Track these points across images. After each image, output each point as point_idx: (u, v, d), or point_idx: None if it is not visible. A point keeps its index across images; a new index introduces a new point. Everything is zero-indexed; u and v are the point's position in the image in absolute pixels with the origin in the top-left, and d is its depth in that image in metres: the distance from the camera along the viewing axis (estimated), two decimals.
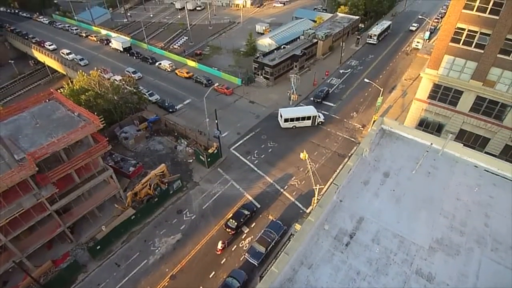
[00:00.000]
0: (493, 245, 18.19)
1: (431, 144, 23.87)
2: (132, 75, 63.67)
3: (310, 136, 50.34)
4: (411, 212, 20.10)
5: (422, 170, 22.84)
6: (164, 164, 41.09)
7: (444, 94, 34.19)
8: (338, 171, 42.93)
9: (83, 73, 53.32)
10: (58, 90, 47.25)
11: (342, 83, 65.24)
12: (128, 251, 35.48)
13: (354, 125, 52.60)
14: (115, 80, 56.90)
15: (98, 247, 34.34)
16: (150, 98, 59.55)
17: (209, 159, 44.72)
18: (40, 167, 30.61)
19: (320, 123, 52.29)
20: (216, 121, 44.30)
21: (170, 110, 57.60)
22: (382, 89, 50.99)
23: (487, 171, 22.80)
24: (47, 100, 38.95)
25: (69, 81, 54.70)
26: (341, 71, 70.22)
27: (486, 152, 32.74)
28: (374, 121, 42.47)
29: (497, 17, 27.98)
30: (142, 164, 45.62)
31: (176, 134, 51.49)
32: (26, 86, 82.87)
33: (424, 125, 37.42)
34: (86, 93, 47.67)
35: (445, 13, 40.16)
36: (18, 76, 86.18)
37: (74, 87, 49.98)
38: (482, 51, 29.91)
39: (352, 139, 49.52)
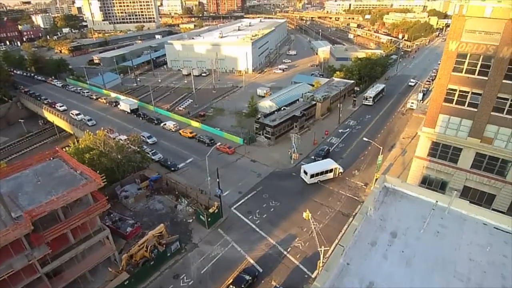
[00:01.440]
0: None
1: (437, 202, 23.40)
2: (148, 140, 65.40)
3: (313, 195, 49.62)
4: (424, 276, 18.80)
5: (431, 229, 21.99)
6: (163, 224, 39.87)
7: (443, 152, 34.61)
8: (343, 231, 41.33)
9: (90, 132, 54.93)
10: (64, 149, 48.15)
11: (342, 142, 66.52)
12: None
13: (356, 183, 52.19)
14: (120, 139, 58.35)
15: None
16: (153, 157, 60.30)
17: (209, 219, 43.49)
18: (36, 225, 29.71)
19: (340, 173, 53.24)
20: (218, 180, 44.16)
21: (172, 168, 57.89)
22: (381, 148, 51.77)
23: (497, 228, 21.95)
24: (51, 158, 39.45)
25: (75, 140, 56.06)
26: (340, 130, 72.15)
27: (493, 209, 31.89)
28: (377, 179, 42.24)
29: (486, 78, 29.69)
30: (140, 224, 44.27)
31: (177, 192, 50.95)
32: (32, 144, 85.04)
33: (427, 182, 37.15)
34: (91, 152, 48.48)
35: (436, 76, 42.72)
36: (26, 135, 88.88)
37: (80, 146, 51.05)
38: (476, 110, 31.12)
39: (356, 198, 48.69)
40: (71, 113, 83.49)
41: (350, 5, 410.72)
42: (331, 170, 52.57)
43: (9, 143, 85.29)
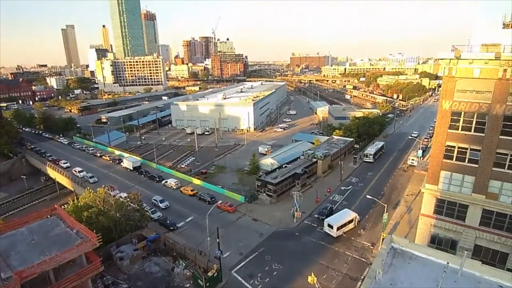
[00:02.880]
0: None
1: (448, 263, 22.15)
2: (160, 204, 63.78)
3: (317, 257, 47.17)
4: None
5: None
6: None
7: (449, 209, 33.80)
8: None
9: (90, 190, 54.58)
10: (63, 206, 47.40)
11: (345, 200, 65.36)
12: None
13: (363, 244, 49.94)
14: (121, 197, 57.68)
15: None
16: (152, 216, 58.90)
17: (208, 283, 40.75)
18: (24, 287, 27.87)
19: (358, 222, 54.49)
20: (218, 240, 42.49)
21: (171, 228, 56.13)
22: (385, 205, 50.68)
23: None
24: (49, 216, 38.63)
25: (75, 197, 55.47)
26: (342, 188, 71.41)
27: (508, 269, 29.96)
28: (383, 239, 40.54)
29: (483, 135, 30.31)
30: None
31: (174, 254, 48.60)
32: (32, 201, 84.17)
33: (436, 242, 35.57)
34: (89, 210, 47.61)
35: (433, 133, 43.68)
36: (26, 191, 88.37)
37: (79, 204, 50.33)
38: (477, 166, 31.17)
39: (363, 259, 46.15)
40: (74, 170, 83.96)
41: (345, 69, 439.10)
42: (351, 220, 53.11)
43: (8, 199, 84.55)
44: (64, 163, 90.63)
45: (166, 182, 76.13)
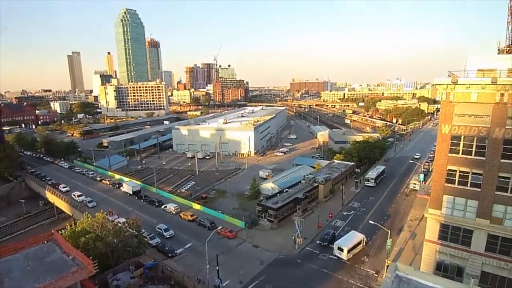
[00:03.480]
0: None
1: None
2: (164, 233, 61.31)
3: (320, 285, 45.60)
4: None
5: None
6: None
7: (454, 234, 33.08)
8: None
9: (89, 215, 53.82)
10: (60, 231, 46.54)
11: (347, 225, 64.14)
12: None
13: (367, 271, 48.43)
14: (119, 222, 56.69)
15: None
16: (150, 242, 57.63)
17: None
18: None
19: (366, 243, 54.24)
20: (217, 268, 41.32)
21: (170, 254, 54.74)
22: (389, 231, 49.65)
23: None
24: (45, 241, 37.85)
25: (72, 222, 54.59)
26: (344, 213, 70.31)
27: None
28: (388, 266, 39.37)
29: (483, 158, 30.23)
30: None
31: (172, 282, 47.08)
32: (30, 225, 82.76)
33: (442, 269, 34.51)
34: (87, 236, 46.68)
35: (434, 156, 43.59)
36: (24, 215, 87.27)
37: (76, 229, 49.45)
38: (480, 190, 30.83)
39: None
40: (73, 194, 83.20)
41: (344, 94, 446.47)
42: (359, 242, 52.71)
43: (6, 223, 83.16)
44: (63, 187, 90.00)
45: (166, 207, 75.15)
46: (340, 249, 50.87)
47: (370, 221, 55.03)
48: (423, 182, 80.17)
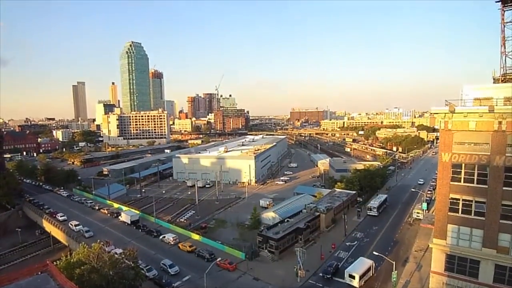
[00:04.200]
0: None
1: None
2: (169, 269, 57.93)
3: None
4: None
5: None
6: None
7: (461, 265, 32.07)
8: None
9: (85, 245, 52.50)
10: (55, 262, 45.19)
11: (351, 256, 62.20)
12: None
13: None
14: (116, 253, 55.17)
15: None
16: (147, 274, 55.69)
17: None
18: None
19: (375, 269, 53.72)
20: None
21: (167, 287, 52.72)
22: (394, 263, 48.14)
23: None
24: (40, 273, 36.67)
25: (68, 253, 53.10)
26: (347, 243, 68.53)
27: None
28: None
29: (486, 186, 29.98)
30: None
31: None
32: (25, 255, 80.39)
33: None
34: (82, 267, 45.23)
35: (436, 184, 43.24)
36: (19, 245, 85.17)
37: (72, 260, 48.03)
38: (484, 218, 30.30)
39: None
40: (70, 224, 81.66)
41: (343, 123, 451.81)
42: (369, 268, 52.36)
43: (0, 253, 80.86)
44: (61, 216, 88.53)
45: (164, 237, 73.43)
46: (352, 276, 49.96)
47: (374, 252, 53.52)
48: (426, 211, 78.92)
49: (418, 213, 79.06)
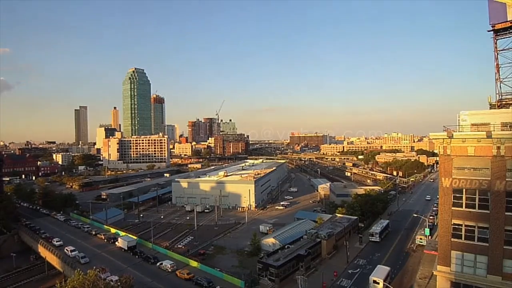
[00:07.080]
0: None
1: None
2: None
3: None
4: None
5: None
6: None
7: None
8: None
9: (80, 271, 51.09)
10: None
11: (354, 285, 60.37)
12: None
13: None
14: (111, 280, 53.64)
15: None
16: None
17: None
18: None
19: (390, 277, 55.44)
20: None
21: None
22: None
23: None
24: None
25: (62, 280, 51.60)
26: (350, 271, 66.64)
27: None
28: None
29: (488, 211, 29.74)
30: None
31: None
32: (18, 281, 77.86)
33: None
34: None
35: (437, 210, 42.83)
36: (13, 270, 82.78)
37: (67, 287, 46.56)
38: (488, 244, 29.81)
39: None
40: (66, 249, 79.67)
41: (343, 147, 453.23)
42: (388, 275, 54.20)
43: None
44: (57, 241, 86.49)
45: (161, 264, 71.47)
46: (376, 282, 50.36)
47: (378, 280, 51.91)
48: (429, 237, 77.47)
49: (421, 239, 77.55)
